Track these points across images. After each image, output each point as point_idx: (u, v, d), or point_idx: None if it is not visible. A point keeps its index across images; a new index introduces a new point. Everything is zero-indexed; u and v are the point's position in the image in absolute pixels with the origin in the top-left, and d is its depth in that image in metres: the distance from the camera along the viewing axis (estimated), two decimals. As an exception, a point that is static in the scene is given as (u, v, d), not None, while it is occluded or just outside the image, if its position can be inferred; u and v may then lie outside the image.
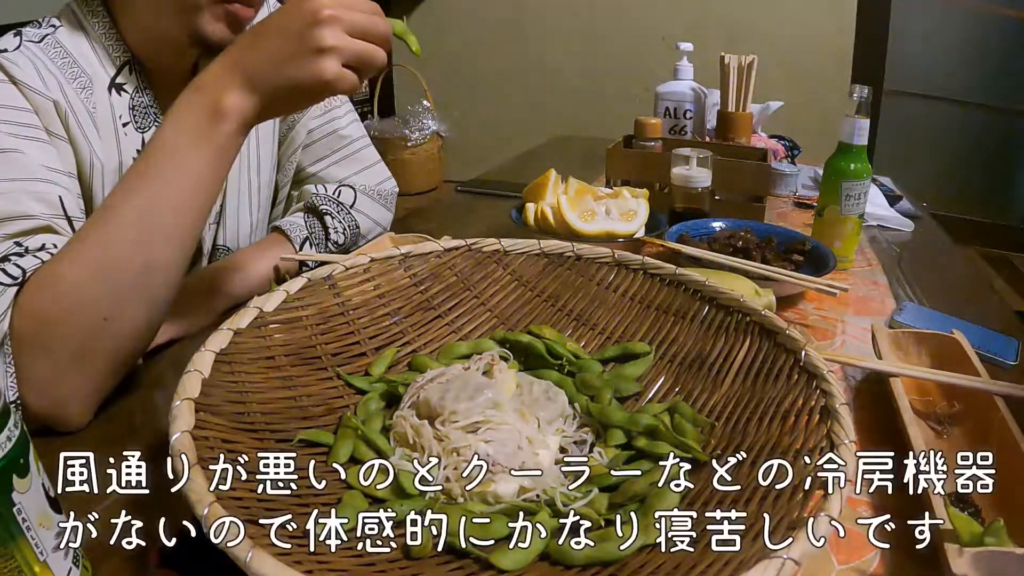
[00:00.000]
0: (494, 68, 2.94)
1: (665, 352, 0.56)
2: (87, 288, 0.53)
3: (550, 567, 0.38)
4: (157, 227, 0.54)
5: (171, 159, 0.55)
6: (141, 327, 0.56)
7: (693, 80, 1.24)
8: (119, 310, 0.54)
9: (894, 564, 0.43)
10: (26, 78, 0.63)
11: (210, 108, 0.54)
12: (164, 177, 0.55)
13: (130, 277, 0.54)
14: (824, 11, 2.46)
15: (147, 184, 0.54)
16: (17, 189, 0.58)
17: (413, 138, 2.54)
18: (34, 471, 0.34)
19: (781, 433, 0.43)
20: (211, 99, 0.54)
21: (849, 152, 0.85)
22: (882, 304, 0.81)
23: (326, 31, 0.53)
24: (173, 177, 0.55)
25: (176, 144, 0.55)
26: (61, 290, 0.53)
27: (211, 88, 0.55)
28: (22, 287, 0.54)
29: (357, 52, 0.55)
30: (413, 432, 0.46)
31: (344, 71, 0.54)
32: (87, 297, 0.53)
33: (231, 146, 0.56)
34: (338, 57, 0.54)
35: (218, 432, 0.41)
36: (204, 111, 0.54)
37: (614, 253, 0.62)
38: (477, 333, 0.60)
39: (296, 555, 0.34)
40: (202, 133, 0.54)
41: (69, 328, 0.53)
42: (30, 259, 0.55)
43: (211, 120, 0.54)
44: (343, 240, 0.85)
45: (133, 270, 0.54)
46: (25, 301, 0.53)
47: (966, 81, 2.72)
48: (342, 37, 0.54)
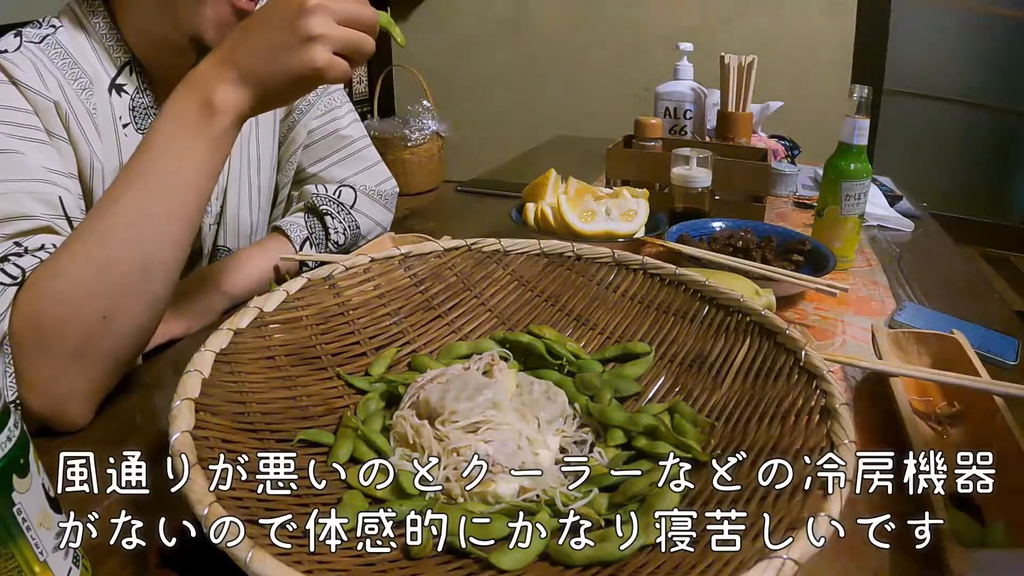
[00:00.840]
0: (494, 68, 2.94)
1: (665, 352, 0.56)
2: (85, 286, 0.53)
3: (550, 567, 0.38)
4: (153, 224, 0.54)
5: (165, 155, 0.55)
6: (140, 325, 0.56)
7: (693, 80, 1.24)
8: (117, 308, 0.54)
9: (894, 564, 0.43)
10: (27, 79, 0.62)
11: (203, 103, 0.54)
12: (159, 174, 0.55)
13: (128, 275, 0.54)
14: (824, 11, 2.46)
15: (142, 181, 0.54)
16: (17, 190, 0.58)
17: (413, 138, 2.54)
18: (34, 471, 0.34)
19: (781, 433, 0.43)
20: (204, 94, 0.54)
21: (849, 152, 0.85)
22: (882, 304, 0.81)
23: (314, 19, 0.53)
24: (168, 173, 0.55)
25: (170, 140, 0.55)
26: (59, 289, 0.53)
27: (203, 83, 0.55)
28: (21, 287, 0.54)
29: (346, 39, 0.55)
30: (413, 432, 0.46)
31: (335, 58, 0.54)
32: (85, 295, 0.53)
33: (225, 140, 0.56)
34: (328, 44, 0.54)
35: (218, 432, 0.41)
36: (197, 106, 0.54)
37: (614, 253, 0.62)
38: (477, 333, 0.60)
39: (296, 555, 0.34)
40: (196, 128, 0.55)
41: (68, 327, 0.53)
42: (29, 259, 0.55)
43: (204, 115, 0.54)
44: (343, 240, 0.85)
45: (131, 268, 0.54)
46: (24, 301, 0.53)
47: (966, 81, 2.72)
48: (330, 25, 0.54)
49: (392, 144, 2.51)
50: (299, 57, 0.53)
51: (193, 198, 0.56)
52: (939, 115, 2.77)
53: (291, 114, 0.87)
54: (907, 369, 0.56)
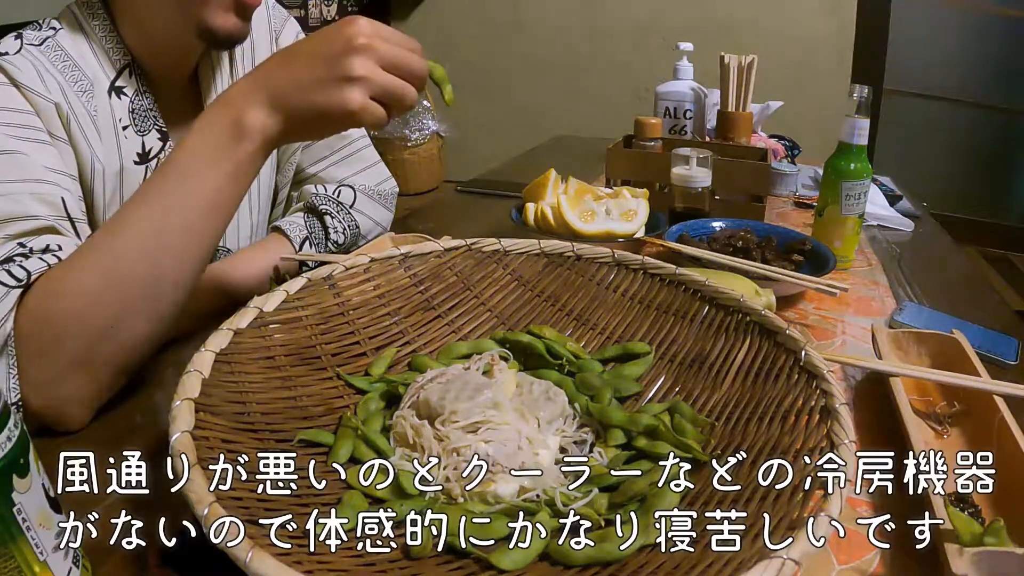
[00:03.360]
0: (494, 68, 2.94)
1: (665, 352, 0.56)
2: (94, 295, 0.53)
3: (550, 567, 0.38)
4: (168, 243, 0.54)
5: (187, 175, 0.54)
6: (144, 339, 0.56)
7: (693, 80, 1.24)
8: (124, 320, 0.53)
9: (894, 564, 0.43)
10: (27, 80, 0.63)
11: (233, 124, 0.53)
12: (179, 193, 0.54)
13: (138, 288, 0.53)
14: (824, 11, 2.46)
15: (162, 198, 0.54)
16: (19, 190, 0.58)
17: (413, 138, 2.54)
18: (34, 471, 0.34)
19: (781, 433, 0.43)
20: (235, 114, 0.54)
21: (849, 152, 0.85)
22: (882, 304, 0.81)
23: (357, 60, 0.51)
24: (188, 194, 0.54)
25: (194, 157, 0.54)
26: (69, 295, 0.53)
27: (236, 103, 0.54)
28: (28, 289, 0.54)
29: (386, 85, 0.53)
30: (413, 432, 0.46)
31: (370, 103, 0.53)
32: (94, 304, 0.53)
33: (250, 166, 0.55)
34: (366, 88, 0.52)
35: (218, 432, 0.41)
36: (227, 127, 0.54)
37: (614, 253, 0.62)
38: (477, 333, 0.60)
39: (296, 555, 0.34)
40: (222, 150, 0.54)
41: (73, 333, 0.53)
42: (35, 261, 0.55)
43: (233, 137, 0.53)
44: (343, 240, 0.85)
45: (141, 282, 0.53)
46: (31, 303, 0.53)
47: (966, 81, 2.72)
48: (373, 68, 0.52)
49: (392, 144, 2.51)
50: (334, 95, 0.52)
51: (211, 222, 0.55)
52: (939, 115, 2.77)
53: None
54: (907, 369, 0.56)
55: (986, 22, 2.66)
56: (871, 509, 0.47)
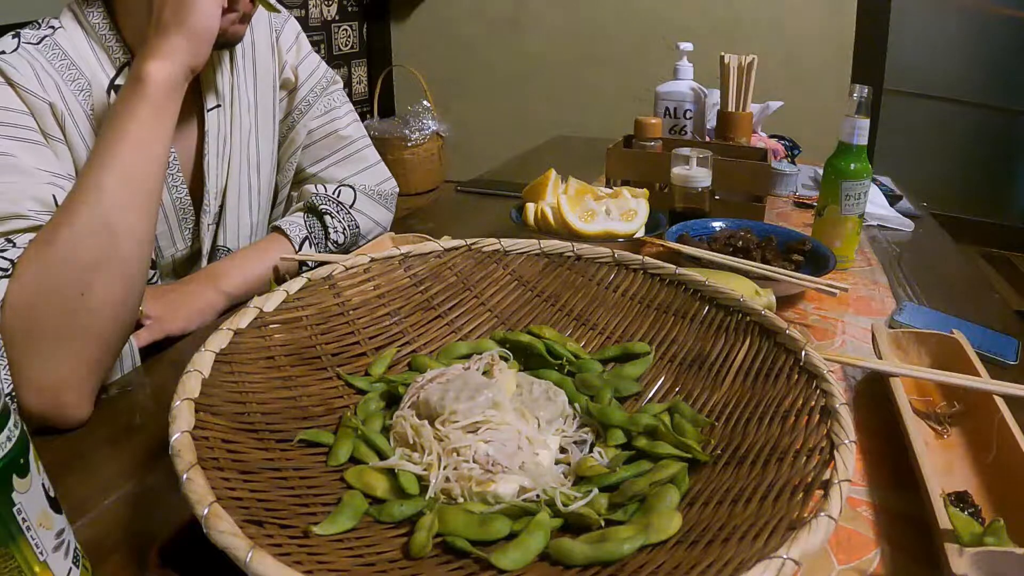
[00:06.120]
0: (494, 68, 2.94)
1: (665, 352, 0.56)
2: (58, 266, 0.55)
3: (550, 567, 0.38)
4: (110, 193, 0.57)
5: (112, 133, 0.59)
6: (118, 299, 0.57)
7: (693, 80, 1.24)
8: (91, 282, 0.55)
9: (894, 564, 0.43)
10: (23, 80, 0.63)
11: (133, 80, 0.60)
12: (107, 145, 0.59)
13: (94, 244, 0.56)
14: (824, 11, 2.46)
15: (95, 155, 0.59)
16: (12, 191, 0.59)
17: (413, 138, 2.54)
18: (34, 471, 0.34)
19: (781, 433, 0.43)
20: (133, 73, 0.61)
21: (849, 152, 0.85)
22: (882, 304, 0.81)
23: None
24: (115, 143, 0.59)
25: (112, 119, 0.60)
26: (37, 273, 0.55)
27: (133, 67, 0.62)
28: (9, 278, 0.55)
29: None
30: (413, 432, 0.46)
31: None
32: (59, 273, 0.55)
33: (165, 102, 0.61)
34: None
35: (218, 432, 0.41)
36: (130, 83, 0.61)
37: (614, 253, 0.62)
38: (477, 333, 0.60)
39: (296, 555, 0.34)
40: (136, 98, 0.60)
41: (47, 308, 0.54)
42: (16, 251, 0.56)
43: (136, 86, 0.60)
44: (343, 240, 0.85)
45: (95, 237, 0.56)
46: (8, 292, 0.54)
47: (966, 81, 2.72)
48: None
49: (392, 144, 2.51)
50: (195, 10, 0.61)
51: (142, 163, 0.60)
52: (939, 115, 2.77)
53: (290, 115, 0.87)
54: (907, 369, 0.56)
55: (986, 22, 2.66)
56: (871, 509, 0.47)
